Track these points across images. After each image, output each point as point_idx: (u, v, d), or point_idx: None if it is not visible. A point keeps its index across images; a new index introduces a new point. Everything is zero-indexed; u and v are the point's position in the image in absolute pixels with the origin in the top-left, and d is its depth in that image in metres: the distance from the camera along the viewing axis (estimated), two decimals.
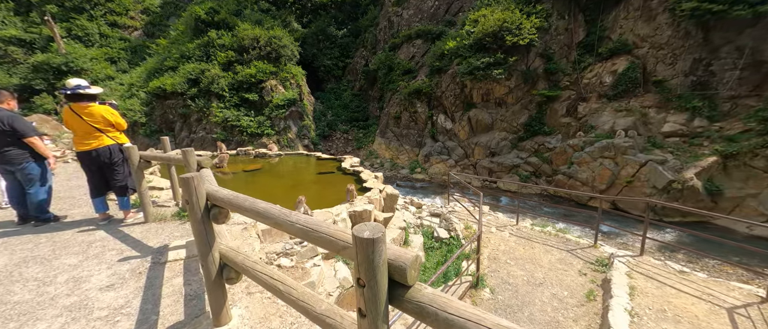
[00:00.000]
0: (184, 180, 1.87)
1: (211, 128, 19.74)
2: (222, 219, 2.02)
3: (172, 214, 4.16)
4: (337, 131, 24.30)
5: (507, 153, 17.78)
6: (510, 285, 4.51)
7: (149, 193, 4.55)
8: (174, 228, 3.78)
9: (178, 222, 3.96)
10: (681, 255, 8.29)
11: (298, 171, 8.63)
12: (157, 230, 3.72)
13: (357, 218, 5.09)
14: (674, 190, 11.87)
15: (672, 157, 12.52)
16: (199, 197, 1.96)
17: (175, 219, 4.04)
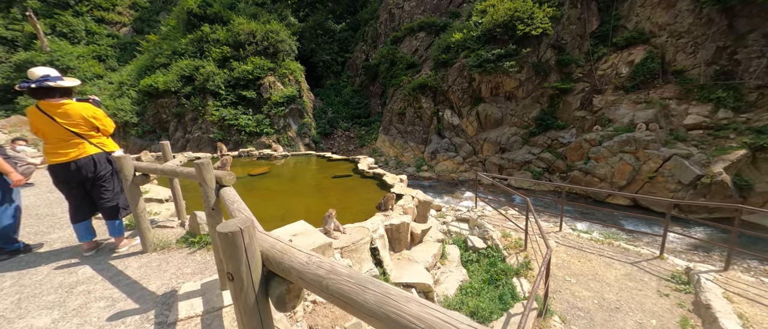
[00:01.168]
0: (224, 236, 1.09)
1: (208, 128, 18.74)
2: (291, 302, 1.21)
3: (178, 239, 3.35)
4: (339, 129, 23.44)
5: (518, 149, 17.13)
6: (580, 311, 3.81)
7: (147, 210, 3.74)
8: (181, 260, 2.97)
9: (185, 251, 3.15)
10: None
11: (309, 174, 7.83)
12: (160, 263, 2.92)
13: (394, 232, 4.34)
14: (702, 185, 11.32)
15: (697, 151, 11.96)
16: (253, 266, 1.17)
17: (181, 246, 3.23)
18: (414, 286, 3.89)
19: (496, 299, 4.08)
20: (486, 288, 4.46)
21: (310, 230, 3.72)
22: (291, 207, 5.42)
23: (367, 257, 3.79)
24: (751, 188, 10.90)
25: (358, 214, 4.96)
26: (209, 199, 2.05)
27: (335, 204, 5.45)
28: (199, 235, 3.25)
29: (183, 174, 2.37)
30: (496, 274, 4.87)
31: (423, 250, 4.69)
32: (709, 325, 3.29)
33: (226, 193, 2.00)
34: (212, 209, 2.09)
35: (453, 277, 4.59)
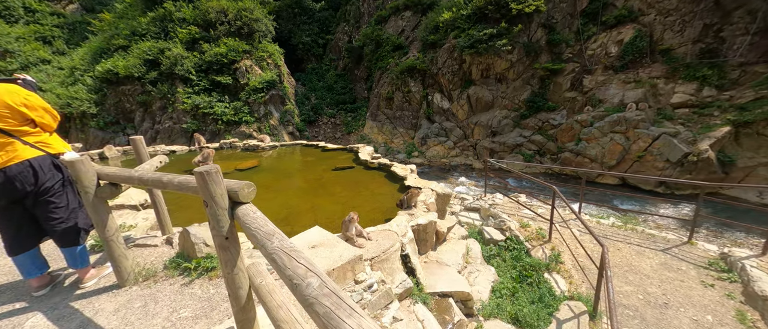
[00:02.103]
0: None
1: (180, 117, 17.09)
2: None
3: (166, 263, 2.60)
4: (324, 116, 22.34)
5: (509, 132, 17.01)
6: (627, 309, 3.52)
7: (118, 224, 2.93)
8: (175, 296, 2.24)
9: (178, 281, 2.41)
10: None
11: (305, 167, 7.06)
12: (145, 303, 2.17)
13: (421, 233, 3.80)
14: (688, 163, 11.66)
15: (684, 129, 12.27)
16: None
17: (172, 274, 2.48)
18: (451, 295, 3.40)
19: (537, 301, 3.71)
20: (520, 288, 4.07)
21: (330, 238, 3.09)
22: (294, 207, 4.72)
23: (398, 266, 3.23)
24: (734, 163, 11.35)
25: (373, 212, 4.36)
26: (221, 224, 1.38)
27: (345, 202, 4.81)
28: (196, 259, 2.52)
29: (175, 186, 1.65)
30: (525, 270, 4.51)
31: (450, 250, 4.21)
32: None
33: (245, 214, 1.33)
34: (225, 239, 1.42)
35: (482, 277, 4.16)
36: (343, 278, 2.68)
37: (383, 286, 2.85)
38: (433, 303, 3.25)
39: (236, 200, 1.43)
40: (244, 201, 1.42)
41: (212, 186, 1.34)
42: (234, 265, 1.48)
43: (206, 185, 1.33)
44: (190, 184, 1.55)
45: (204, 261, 2.50)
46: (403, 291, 3.09)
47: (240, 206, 1.41)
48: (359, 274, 2.78)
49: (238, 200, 1.42)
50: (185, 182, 1.60)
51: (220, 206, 1.38)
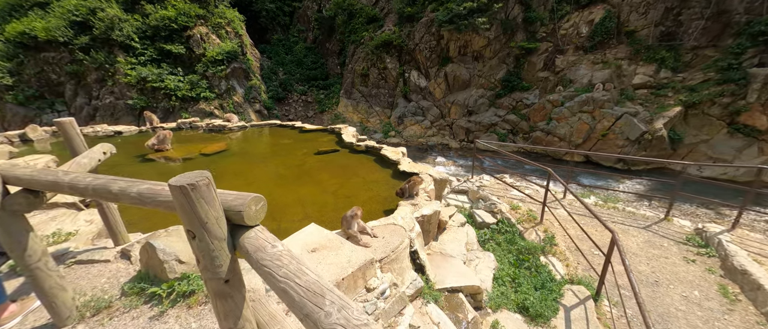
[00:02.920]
0: None
1: (123, 92, 14.86)
2: None
3: (123, 288, 1.97)
4: (294, 93, 20.85)
5: (484, 111, 17.19)
6: (625, 289, 3.61)
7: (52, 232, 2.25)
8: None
9: (145, 312, 1.80)
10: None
11: (283, 151, 6.37)
12: None
13: (425, 224, 3.51)
14: (645, 141, 12.64)
15: (642, 109, 13.16)
16: None
17: (134, 303, 1.85)
18: (460, 290, 3.20)
19: (540, 287, 3.67)
20: (520, 273, 4.02)
21: (332, 238, 2.66)
22: (277, 199, 4.17)
23: (407, 264, 2.92)
24: (681, 140, 12.50)
25: (370, 203, 3.97)
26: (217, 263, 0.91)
27: (335, 191, 4.35)
28: (167, 282, 1.94)
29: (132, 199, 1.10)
30: (522, 254, 4.48)
31: (452, 239, 4.00)
32: (754, 292, 3.34)
33: (256, 246, 0.87)
34: (225, 283, 0.95)
35: (483, 265, 4.04)
36: (353, 287, 2.31)
37: (395, 290, 2.53)
38: (443, 300, 3.03)
39: (239, 223, 0.94)
40: (250, 224, 0.94)
41: (201, 207, 0.85)
42: (238, 316, 1.02)
43: (191, 206, 0.84)
44: (159, 197, 1.02)
45: (179, 283, 1.94)
46: (414, 292, 2.81)
47: (245, 231, 0.94)
48: (371, 280, 2.42)
49: (241, 223, 0.94)
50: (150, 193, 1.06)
51: (216, 236, 0.90)
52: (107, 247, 2.45)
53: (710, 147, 12.28)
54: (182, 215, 0.86)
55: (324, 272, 2.22)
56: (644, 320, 2.12)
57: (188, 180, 0.84)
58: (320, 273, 0.77)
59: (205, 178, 0.87)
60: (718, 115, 12.03)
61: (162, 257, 1.98)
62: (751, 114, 11.34)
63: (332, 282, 2.10)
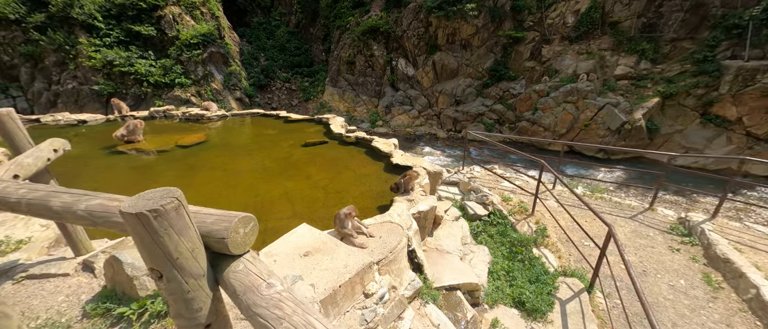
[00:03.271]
0: None
1: (87, 77, 13.69)
2: None
3: (85, 308, 1.68)
4: (277, 80, 20.02)
5: (472, 101, 17.19)
6: (617, 280, 3.66)
7: None
8: None
9: None
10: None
11: (268, 142, 6.03)
12: None
13: (421, 220, 3.38)
14: (625, 131, 13.05)
15: (623, 99, 13.52)
16: None
17: (99, 325, 1.58)
18: (458, 288, 3.12)
19: (535, 281, 3.66)
20: (514, 267, 4.00)
21: (325, 240, 2.47)
22: (263, 195, 3.91)
23: (405, 265, 2.79)
24: (658, 130, 13.00)
25: (363, 198, 3.79)
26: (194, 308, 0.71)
27: (326, 186, 4.13)
28: (139, 302, 1.68)
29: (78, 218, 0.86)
30: (514, 246, 4.47)
31: (447, 234, 3.90)
32: (736, 280, 3.47)
33: (242, 280, 0.67)
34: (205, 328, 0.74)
35: (478, 259, 3.99)
36: (351, 293, 2.14)
37: (394, 293, 2.40)
38: (441, 299, 2.94)
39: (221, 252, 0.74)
40: (237, 252, 0.74)
41: (170, 239, 0.64)
42: None
43: (155, 238, 0.62)
44: (115, 217, 0.79)
45: (151, 302, 1.69)
46: (413, 293, 2.69)
47: (230, 262, 0.73)
48: (369, 284, 2.27)
49: (224, 252, 0.74)
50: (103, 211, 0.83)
51: (191, 273, 0.69)
52: (66, 258, 2.14)
53: (684, 137, 12.85)
54: (142, 250, 0.65)
55: (319, 279, 2.04)
56: (648, 316, 2.09)
57: (149, 204, 0.62)
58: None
59: (172, 199, 0.65)
60: (693, 106, 12.55)
61: (130, 272, 1.72)
62: (722, 105, 11.89)
63: (329, 290, 1.93)
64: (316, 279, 2.04)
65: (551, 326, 3.01)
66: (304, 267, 2.16)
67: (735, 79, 11.45)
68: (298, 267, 2.17)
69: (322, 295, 1.92)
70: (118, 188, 4.08)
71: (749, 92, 11.26)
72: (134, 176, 4.47)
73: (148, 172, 4.67)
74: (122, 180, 4.34)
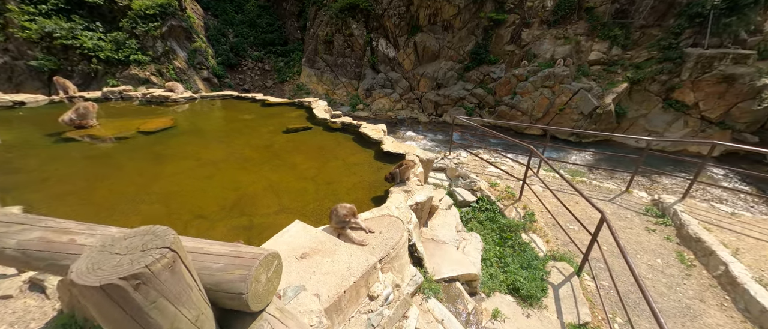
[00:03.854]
0: None
1: (22, 50, 11.89)
2: None
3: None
4: (248, 59, 18.66)
5: (453, 85, 17.13)
6: (599, 262, 3.84)
7: None
8: None
9: None
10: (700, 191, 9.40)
11: (246, 129, 5.54)
12: None
13: (418, 211, 3.26)
14: (596, 115, 13.68)
15: (595, 84, 14.07)
16: None
17: None
18: (457, 279, 3.07)
19: (527, 266, 3.72)
20: (505, 253, 4.05)
21: (323, 240, 2.27)
22: (245, 187, 3.57)
23: (406, 260, 2.67)
24: (625, 115, 13.75)
25: (355, 190, 3.59)
26: None
27: (315, 177, 3.86)
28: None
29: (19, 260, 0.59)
30: (504, 232, 4.53)
31: (442, 224, 3.83)
32: (706, 258, 3.74)
33: None
34: None
35: (470, 246, 3.98)
36: (356, 297, 1.98)
37: (398, 292, 2.27)
38: (441, 291, 2.88)
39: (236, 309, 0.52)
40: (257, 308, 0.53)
41: (164, 313, 0.40)
42: None
43: (135, 316, 0.38)
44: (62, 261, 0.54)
45: None
46: (414, 289, 2.59)
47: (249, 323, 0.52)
48: (373, 286, 2.12)
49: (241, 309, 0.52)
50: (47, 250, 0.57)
51: None
52: (7, 275, 1.75)
53: (647, 121, 13.73)
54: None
55: (321, 285, 1.85)
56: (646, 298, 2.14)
57: (124, 266, 0.37)
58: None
59: (163, 250, 0.41)
60: (656, 91, 13.34)
61: None
62: (682, 91, 12.74)
63: (333, 297, 1.75)
64: (317, 285, 1.85)
65: (546, 311, 3.09)
66: (302, 272, 1.95)
67: (695, 66, 12.24)
68: (296, 271, 1.96)
69: (326, 303, 1.73)
70: (73, 181, 3.56)
71: (706, 79, 12.11)
72: (91, 168, 3.92)
73: (106, 162, 4.12)
74: (77, 173, 3.79)
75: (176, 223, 2.94)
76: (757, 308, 2.96)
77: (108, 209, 3.13)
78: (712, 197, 8.59)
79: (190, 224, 2.92)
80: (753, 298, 3.01)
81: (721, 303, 3.23)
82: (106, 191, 3.45)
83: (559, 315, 3.07)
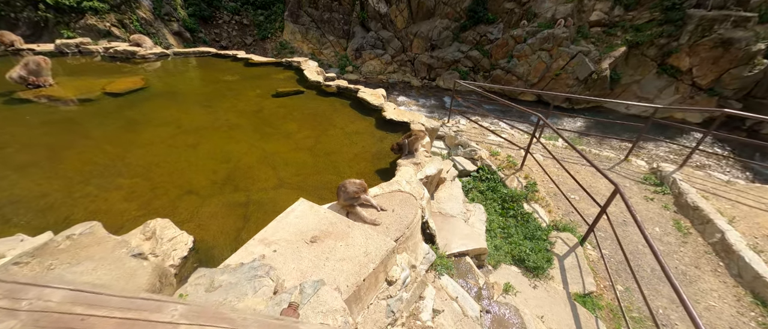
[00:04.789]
0: None
1: None
2: None
3: None
4: (223, 11, 16.80)
5: (448, 46, 16.25)
6: (600, 231, 3.86)
7: None
8: None
9: None
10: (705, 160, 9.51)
11: (229, 91, 4.98)
12: None
13: (428, 185, 3.07)
14: (591, 80, 13.47)
15: (594, 48, 13.67)
16: None
17: None
18: (467, 254, 3.00)
19: (531, 237, 3.71)
20: (509, 224, 4.01)
21: (333, 220, 2.06)
22: (238, 159, 3.23)
23: (419, 239, 2.52)
24: (619, 80, 13.63)
25: (357, 161, 3.32)
26: None
27: (313, 147, 3.54)
28: None
29: None
30: (506, 202, 4.47)
31: (448, 196, 3.69)
32: (703, 226, 3.84)
33: None
34: None
35: (474, 218, 3.91)
36: (375, 284, 1.82)
37: (414, 273, 2.14)
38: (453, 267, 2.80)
39: None
40: None
41: None
42: None
43: None
44: None
45: None
46: (427, 267, 2.47)
47: None
48: (391, 270, 1.96)
49: None
50: None
51: None
52: None
53: (640, 87, 13.69)
54: None
55: (337, 274, 1.66)
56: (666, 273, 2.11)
57: None
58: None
59: None
60: (653, 56, 13.13)
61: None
62: (678, 56, 12.58)
63: (352, 286, 1.57)
64: (333, 274, 1.66)
65: (552, 282, 3.11)
66: (315, 259, 1.75)
67: (695, 28, 11.96)
68: (307, 258, 1.75)
69: (345, 295, 1.56)
70: (35, 151, 3.10)
71: (704, 43, 11.93)
72: (53, 135, 3.43)
73: (71, 128, 3.61)
74: (37, 140, 3.30)
75: (163, 200, 2.63)
76: (751, 274, 3.10)
77: (81, 184, 2.75)
78: (694, 162, 8.88)
79: (180, 202, 2.62)
80: (748, 265, 3.13)
81: (714, 269, 3.36)
82: (75, 161, 3.03)
83: (565, 285, 3.11)
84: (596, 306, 3.00)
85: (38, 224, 2.29)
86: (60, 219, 2.35)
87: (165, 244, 1.98)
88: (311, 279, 1.46)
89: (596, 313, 2.89)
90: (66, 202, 2.53)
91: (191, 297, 1.42)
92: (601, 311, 2.97)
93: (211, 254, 2.15)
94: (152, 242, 1.99)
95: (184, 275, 1.96)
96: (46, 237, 1.77)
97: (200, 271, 1.60)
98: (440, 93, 15.86)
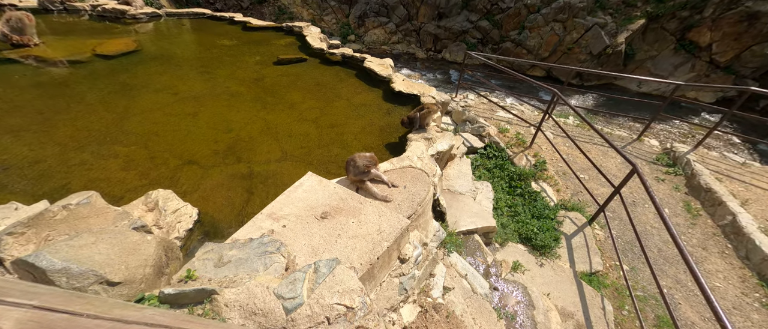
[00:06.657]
0: None
1: None
2: None
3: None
4: None
5: (456, 15, 15.38)
6: (609, 211, 3.81)
7: None
8: None
9: None
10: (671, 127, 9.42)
11: (227, 57, 4.70)
12: None
13: (439, 161, 2.96)
14: (604, 56, 12.90)
15: (611, 19, 12.94)
16: None
17: None
18: (475, 232, 2.95)
19: (539, 216, 3.65)
20: (516, 202, 3.95)
21: (343, 196, 1.96)
22: (240, 130, 3.08)
23: (430, 216, 2.45)
24: (634, 56, 13.05)
25: (365, 135, 3.17)
26: None
27: (317, 119, 3.37)
28: None
29: None
30: (513, 180, 4.38)
31: (457, 173, 3.59)
32: (714, 208, 3.77)
33: None
34: None
35: (482, 195, 3.83)
36: (388, 262, 1.76)
37: (426, 250, 2.08)
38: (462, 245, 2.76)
39: None
40: None
41: None
42: None
43: None
44: None
45: None
46: (437, 245, 2.42)
47: None
48: (404, 247, 1.89)
49: None
50: None
51: None
52: None
53: (655, 64, 13.13)
54: None
55: (350, 251, 1.59)
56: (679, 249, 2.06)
57: None
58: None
59: None
60: (673, 29, 12.45)
61: (65, 282, 1.07)
62: (699, 30, 11.92)
63: (366, 264, 1.50)
64: (346, 252, 1.58)
65: (559, 260, 3.10)
66: (326, 236, 1.67)
67: (721, 1, 11.22)
68: (318, 235, 1.67)
69: (359, 273, 1.49)
70: (25, 114, 2.94)
71: (729, 16, 11.26)
72: (44, 98, 3.25)
73: (62, 92, 3.42)
74: (27, 103, 3.13)
75: (162, 170, 2.52)
76: (759, 256, 3.08)
77: (77, 151, 2.63)
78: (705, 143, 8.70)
79: (180, 172, 2.51)
80: (758, 247, 3.11)
81: (722, 251, 3.35)
82: (70, 127, 2.89)
83: (571, 264, 3.10)
84: (602, 284, 3.01)
85: (34, 191, 2.20)
86: (56, 188, 2.26)
87: (169, 216, 1.90)
88: (326, 257, 1.38)
89: (601, 291, 2.90)
90: (61, 169, 2.42)
91: (199, 272, 1.35)
92: (606, 289, 2.98)
93: (216, 227, 2.08)
94: (155, 214, 1.91)
95: (189, 248, 1.90)
96: (41, 206, 1.68)
97: (208, 245, 1.52)
98: (446, 66, 15.25)
